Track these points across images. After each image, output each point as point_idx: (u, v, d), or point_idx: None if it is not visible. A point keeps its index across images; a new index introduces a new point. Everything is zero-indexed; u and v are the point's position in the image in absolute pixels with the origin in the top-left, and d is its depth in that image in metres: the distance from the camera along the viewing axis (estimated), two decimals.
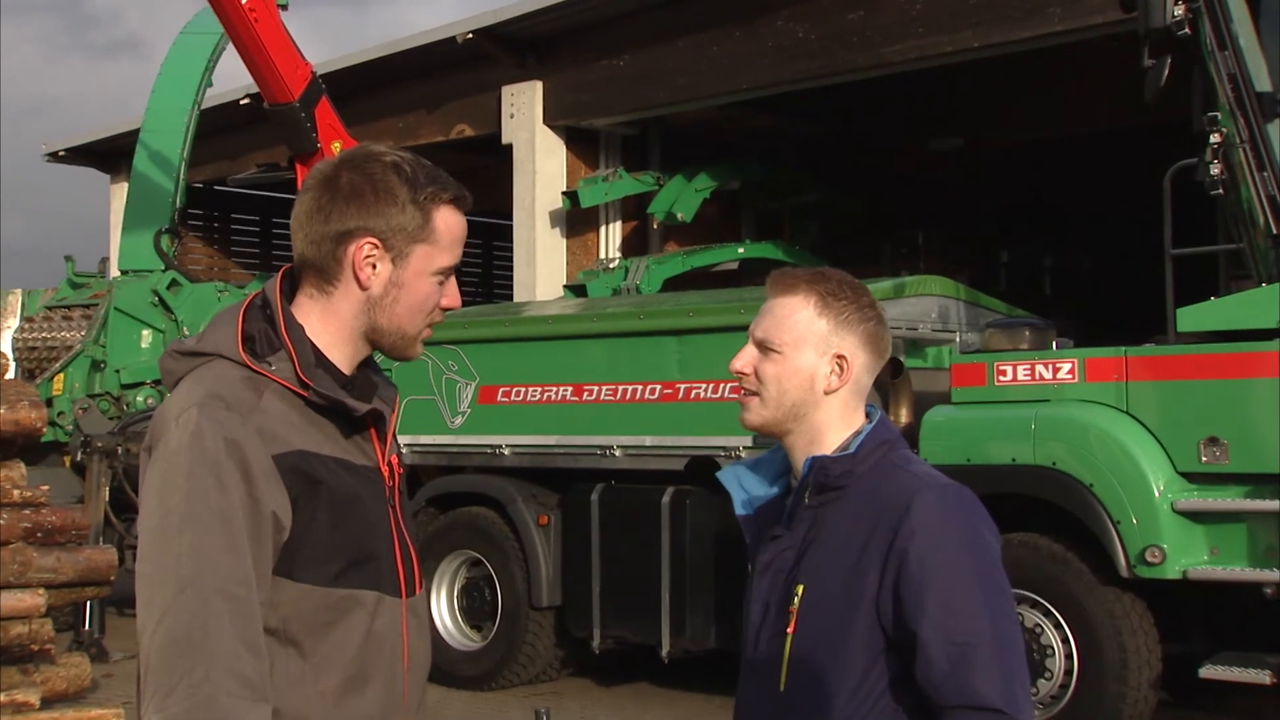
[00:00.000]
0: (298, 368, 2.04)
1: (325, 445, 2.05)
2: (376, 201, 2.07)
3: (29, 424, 4.88)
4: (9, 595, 4.53)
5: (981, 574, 2.16)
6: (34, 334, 12.71)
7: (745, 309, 7.66)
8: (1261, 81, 6.18)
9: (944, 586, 2.12)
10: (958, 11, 10.92)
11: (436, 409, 8.69)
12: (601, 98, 13.62)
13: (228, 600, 1.88)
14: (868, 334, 2.30)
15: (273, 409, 2.01)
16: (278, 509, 1.95)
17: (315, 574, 1.99)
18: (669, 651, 7.70)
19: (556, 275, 13.79)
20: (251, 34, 10.42)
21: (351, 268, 2.08)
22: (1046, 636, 6.42)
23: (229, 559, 1.89)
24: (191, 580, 1.87)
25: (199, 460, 1.92)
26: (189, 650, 1.84)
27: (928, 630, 2.10)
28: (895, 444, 2.31)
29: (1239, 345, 6.15)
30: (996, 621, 2.13)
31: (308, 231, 2.10)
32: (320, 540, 2.00)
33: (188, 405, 1.98)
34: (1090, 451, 6.34)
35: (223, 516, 1.90)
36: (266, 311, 2.10)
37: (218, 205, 18.69)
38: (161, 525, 1.92)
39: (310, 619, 1.99)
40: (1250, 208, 6.21)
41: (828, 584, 2.21)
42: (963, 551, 2.15)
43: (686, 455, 7.70)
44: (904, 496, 2.19)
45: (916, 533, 2.14)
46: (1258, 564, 5.96)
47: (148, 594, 1.91)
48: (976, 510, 2.23)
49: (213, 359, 2.05)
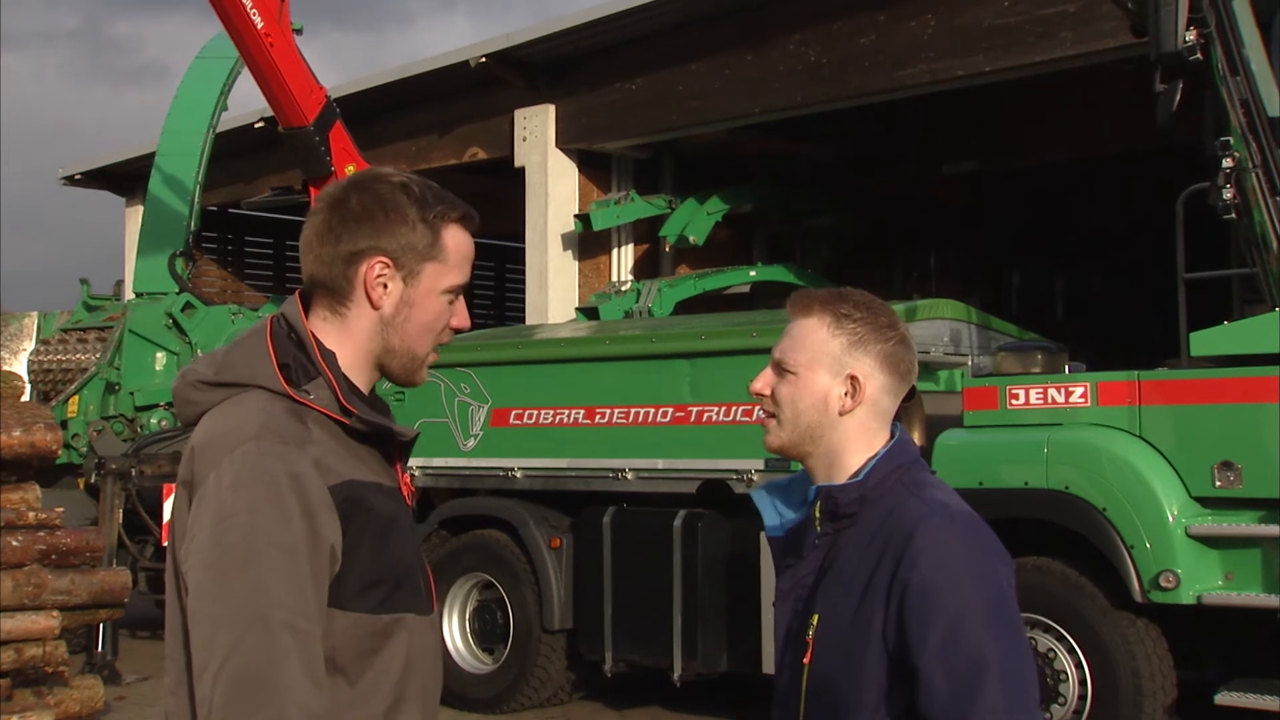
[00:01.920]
0: (340, 396, 2.03)
1: (366, 473, 2.05)
2: (387, 221, 2.07)
3: (44, 446, 4.90)
4: (23, 617, 4.53)
5: (987, 603, 2.10)
6: (49, 356, 12.79)
7: (757, 332, 7.69)
8: (1273, 106, 6.19)
9: (946, 616, 2.08)
10: (969, 36, 10.95)
11: (449, 431, 8.71)
12: (614, 121, 13.66)
13: (295, 635, 1.86)
14: (884, 354, 2.26)
15: (320, 440, 2.00)
16: (335, 541, 1.95)
17: (363, 602, 1.99)
18: (681, 675, 7.67)
19: (569, 298, 13.81)
20: (267, 58, 10.48)
21: (364, 288, 2.08)
22: (1060, 661, 6.40)
23: (295, 594, 1.88)
24: (259, 616, 1.85)
25: (261, 495, 1.90)
26: (260, 688, 1.82)
27: (929, 661, 2.06)
28: (911, 467, 2.28)
29: (1252, 370, 6.14)
30: (1002, 653, 2.07)
31: (318, 253, 2.10)
32: (366, 569, 1.99)
33: (242, 440, 1.95)
34: (1103, 475, 6.32)
35: (287, 551, 1.89)
36: (293, 337, 2.09)
37: (232, 228, 18.76)
38: (221, 561, 1.88)
39: (357, 646, 1.99)
40: (1263, 232, 6.21)
41: (841, 613, 2.18)
42: (967, 580, 2.11)
43: (698, 478, 7.71)
44: (909, 524, 2.15)
45: (919, 561, 2.11)
46: (1273, 589, 5.94)
47: (208, 633, 1.87)
48: (984, 538, 2.18)
49: (248, 389, 2.03)
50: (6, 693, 4.57)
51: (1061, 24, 10.30)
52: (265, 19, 10.29)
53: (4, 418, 4.83)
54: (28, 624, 4.56)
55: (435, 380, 8.70)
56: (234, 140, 15.28)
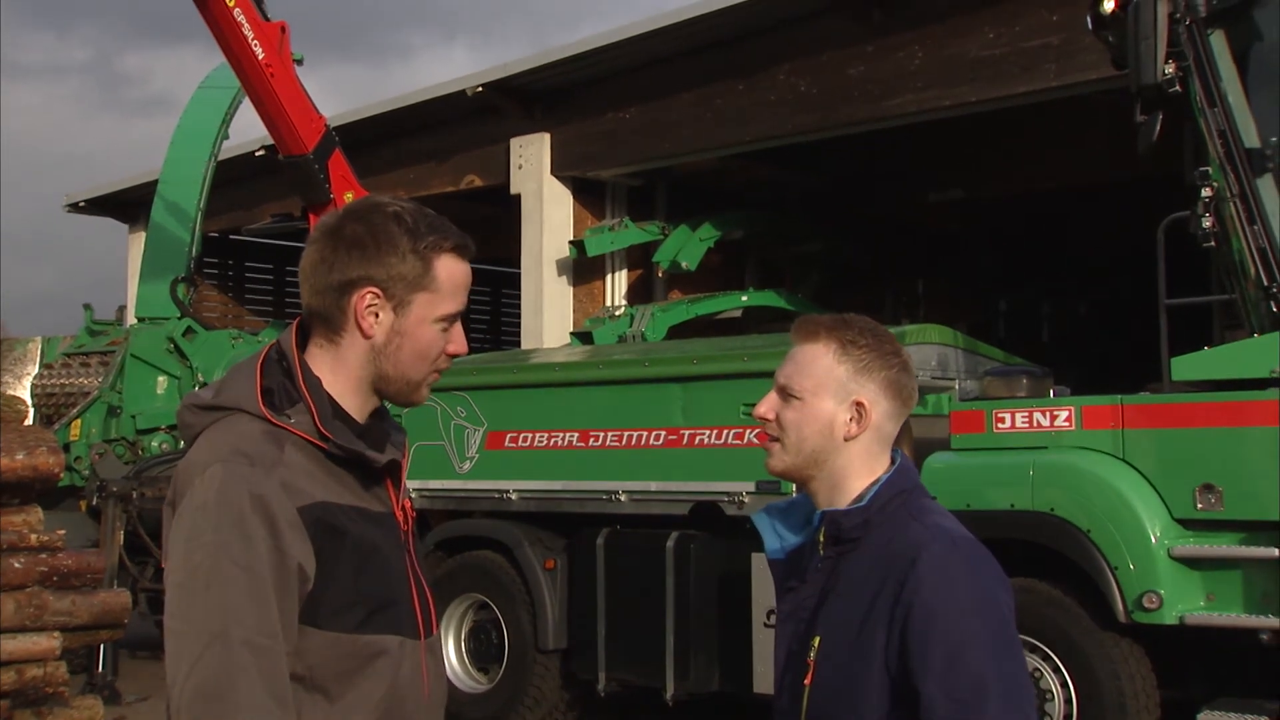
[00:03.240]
0: (316, 420, 2.05)
1: (345, 495, 2.06)
2: (378, 251, 2.07)
3: (47, 469, 4.91)
4: (25, 638, 4.53)
5: (988, 629, 2.10)
6: (53, 380, 12.80)
7: (749, 356, 7.71)
8: (1250, 138, 6.20)
9: (948, 641, 2.07)
10: (955, 67, 11.02)
11: (445, 454, 8.70)
12: (608, 149, 13.72)
13: (254, 652, 1.88)
14: (888, 381, 2.27)
15: (294, 462, 2.02)
16: (303, 560, 1.96)
17: (340, 622, 2.00)
18: (673, 694, 7.66)
19: (563, 322, 13.85)
20: (268, 88, 10.54)
21: (354, 317, 2.09)
22: (1045, 681, 6.36)
23: (255, 611, 1.90)
24: (219, 633, 1.88)
25: (224, 516, 1.93)
26: (217, 702, 1.85)
27: (931, 685, 2.06)
28: (913, 492, 2.27)
29: (1233, 394, 6.13)
30: (1002, 678, 2.07)
31: (313, 282, 2.11)
32: (344, 589, 2.01)
33: (211, 461, 1.98)
34: (1087, 498, 6.31)
35: (248, 570, 1.91)
36: (283, 364, 2.11)
37: (232, 254, 18.84)
38: (188, 580, 1.93)
39: (336, 666, 2.00)
40: (1241, 259, 6.22)
41: (842, 636, 2.18)
42: (969, 606, 2.11)
43: (691, 500, 7.69)
44: (912, 549, 2.15)
45: (922, 586, 2.10)
46: (1254, 610, 5.92)
47: (176, 647, 1.91)
48: (986, 564, 2.18)
49: (232, 413, 2.06)
50: (7, 713, 4.57)
51: (1045, 56, 10.37)
52: (266, 50, 10.36)
53: (7, 441, 4.84)
54: (29, 645, 4.56)
55: (432, 404, 8.71)
56: (235, 168, 15.32)
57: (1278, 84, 6.36)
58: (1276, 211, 6.12)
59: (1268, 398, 5.96)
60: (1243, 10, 6.28)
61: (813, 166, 14.11)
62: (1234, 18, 6.28)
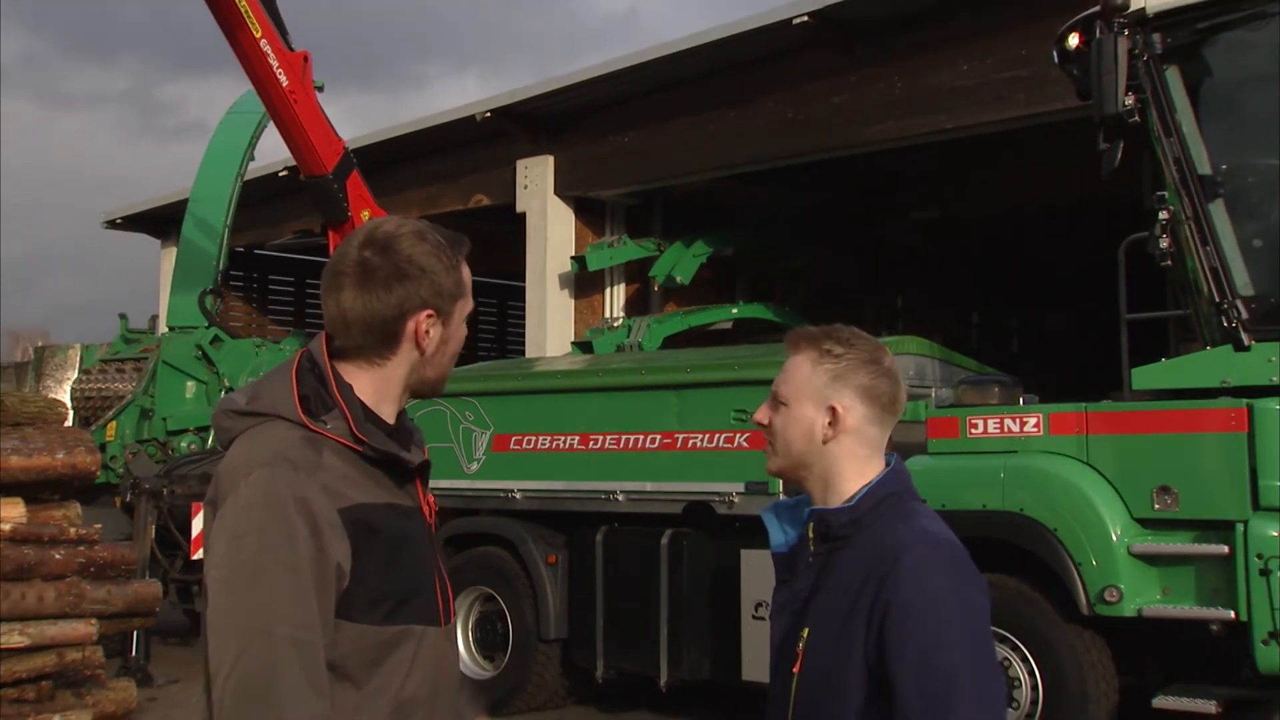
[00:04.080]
0: (352, 426, 2.03)
1: (379, 494, 2.05)
2: (423, 274, 2.07)
3: (84, 467, 4.92)
4: (65, 624, 4.55)
5: (961, 629, 2.08)
6: (90, 385, 12.81)
7: (739, 365, 7.70)
8: (1203, 165, 6.21)
9: (922, 638, 2.06)
10: (933, 96, 11.05)
11: (454, 456, 8.68)
12: (608, 171, 13.73)
13: (296, 646, 1.87)
14: (864, 388, 2.25)
15: (333, 466, 2.00)
16: (341, 560, 1.95)
17: (371, 615, 1.99)
18: (667, 681, 7.66)
19: (565, 333, 13.85)
20: (291, 113, 10.55)
21: (413, 338, 2.09)
22: (1014, 669, 6.38)
23: (297, 608, 1.89)
24: (264, 629, 1.87)
25: (270, 517, 1.91)
26: (262, 694, 1.85)
27: (905, 679, 2.05)
28: (903, 495, 2.25)
29: (1188, 402, 6.14)
30: (973, 675, 2.06)
31: (362, 316, 2.06)
32: (375, 584, 2.00)
33: (256, 465, 1.96)
34: (1054, 499, 6.30)
35: (291, 569, 1.90)
36: (316, 372, 2.08)
37: (257, 268, 18.81)
38: (233, 577, 1.91)
39: (364, 655, 1.99)
40: (1195, 278, 6.23)
41: (828, 628, 2.18)
42: (944, 605, 2.09)
43: (684, 500, 7.68)
44: (896, 549, 2.14)
45: (901, 585, 2.09)
46: (1206, 603, 5.93)
47: (220, 641, 1.89)
48: (963, 567, 2.16)
49: (270, 419, 2.04)
50: (49, 693, 4.58)
51: (1015, 87, 10.40)
52: (290, 77, 10.38)
53: (48, 441, 4.87)
54: (69, 630, 4.58)
55: (441, 408, 8.72)
56: (260, 187, 15.31)
57: (1227, 115, 6.42)
58: (1227, 233, 6.14)
59: (1219, 406, 5.98)
60: (1195, 48, 6.29)
61: (799, 188, 14.07)
62: (1187, 55, 6.29)
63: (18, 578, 4.56)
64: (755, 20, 11.82)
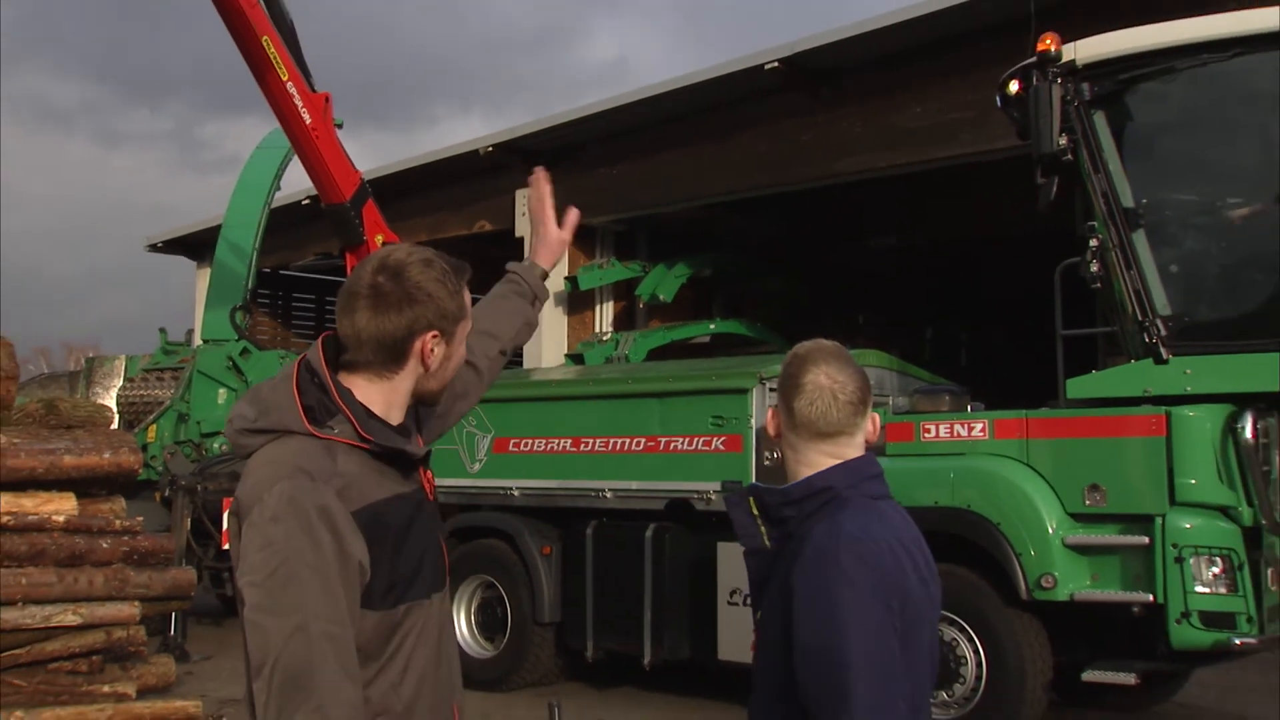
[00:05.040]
0: (357, 427, 2.02)
1: (388, 486, 2.05)
2: (430, 299, 2.07)
3: (128, 466, 4.92)
4: (111, 606, 4.57)
5: (849, 615, 2.02)
6: (133, 392, 12.81)
7: (715, 376, 7.69)
8: (1127, 198, 6.27)
9: (814, 622, 2.03)
10: (890, 135, 11.14)
11: (458, 457, 8.63)
12: (598, 200, 13.73)
13: (329, 640, 1.88)
14: (784, 402, 2.23)
15: (346, 470, 2.00)
16: (362, 558, 1.96)
17: (384, 601, 2.00)
18: (650, 661, 7.65)
19: (559, 346, 13.85)
20: (313, 148, 10.56)
21: (419, 356, 2.09)
22: (961, 649, 6.41)
23: (327, 606, 1.90)
24: (300, 626, 1.87)
25: (296, 526, 1.91)
26: (303, 684, 1.85)
27: (800, 661, 2.04)
28: (845, 491, 2.16)
29: (1115, 410, 6.19)
30: (864, 658, 2.00)
31: (374, 336, 2.06)
32: (386, 574, 2.01)
33: (277, 479, 1.95)
34: (998, 496, 6.33)
35: (319, 571, 1.90)
36: (316, 381, 2.06)
37: (281, 286, 18.77)
38: (267, 581, 1.90)
39: (382, 634, 2.02)
40: (1121, 299, 6.30)
41: (770, 612, 2.18)
42: (834, 593, 2.03)
43: (666, 497, 7.66)
44: (810, 541, 2.11)
45: (803, 573, 2.07)
46: (1128, 588, 5.99)
47: (261, 640, 1.89)
48: (863, 560, 2.06)
49: (282, 434, 2.02)
50: (99, 666, 4.61)
51: (962, 127, 10.48)
52: (312, 116, 10.41)
53: (96, 442, 4.90)
54: (115, 611, 4.59)
55: None
56: (285, 214, 15.27)
57: (1147, 155, 6.48)
58: (1148, 260, 6.21)
59: (1142, 413, 6.05)
60: (1119, 96, 6.35)
61: (771, 216, 14.08)
62: (1112, 102, 6.35)
63: (70, 564, 4.59)
64: (731, 65, 11.90)
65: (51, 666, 4.47)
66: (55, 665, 4.48)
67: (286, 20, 10.14)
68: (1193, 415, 5.94)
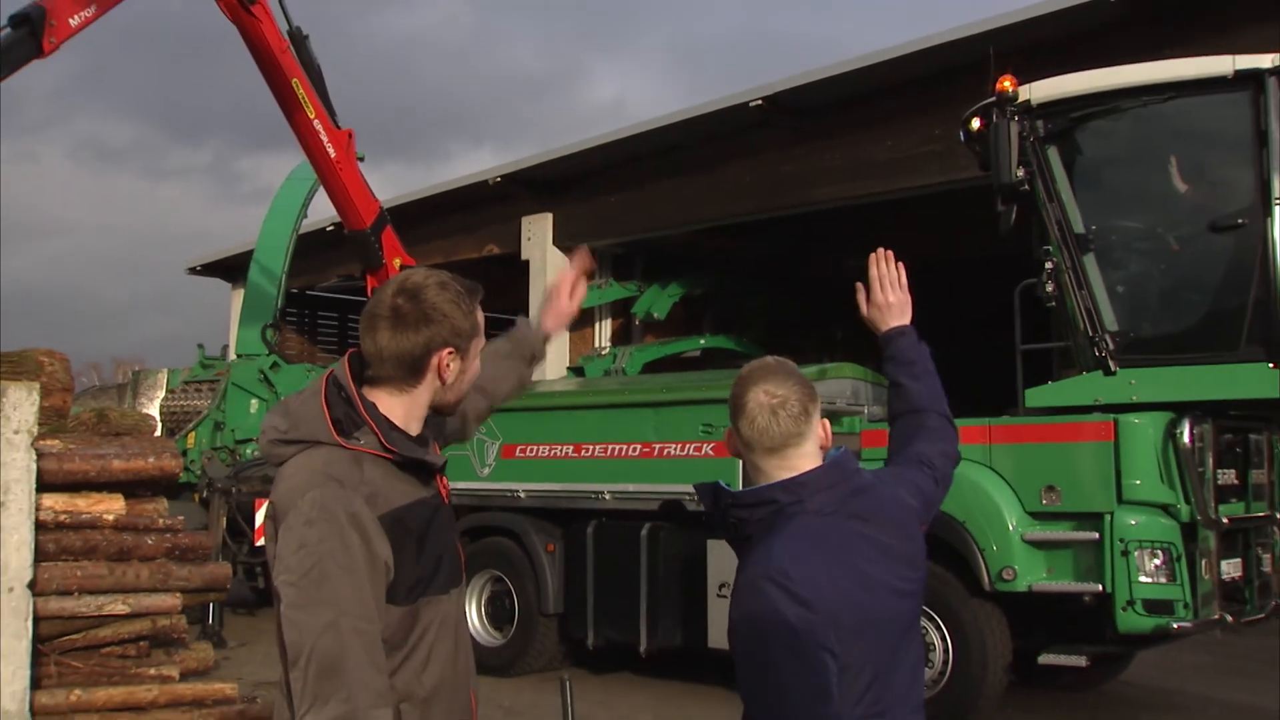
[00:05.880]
0: (381, 438, 2.03)
1: (409, 493, 2.05)
2: (446, 318, 2.08)
3: (170, 470, 4.91)
4: (156, 596, 4.60)
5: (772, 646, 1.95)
6: (175, 402, 12.85)
7: (705, 387, 7.68)
8: (1078, 225, 6.34)
9: (742, 646, 2.00)
10: (865, 167, 11.24)
11: (469, 462, 8.58)
12: (598, 225, 13.82)
13: (359, 634, 1.90)
14: (731, 419, 2.17)
15: (372, 477, 2.00)
16: (387, 559, 1.97)
17: (408, 597, 2.02)
18: (646, 648, 7.65)
19: (561, 360, 13.85)
20: (337, 179, 10.58)
21: (437, 371, 2.09)
22: (930, 636, 6.43)
23: (357, 603, 1.91)
24: (332, 622, 1.89)
25: (328, 530, 1.92)
26: (335, 674, 1.88)
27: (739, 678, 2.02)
28: (784, 505, 2.07)
29: (1068, 417, 6.23)
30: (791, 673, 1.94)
31: (394, 353, 2.06)
32: (409, 572, 2.02)
33: (310, 486, 1.96)
34: (963, 496, 6.31)
35: (349, 570, 1.92)
36: (343, 395, 2.06)
37: (308, 306, 18.78)
38: (302, 580, 1.92)
39: (405, 626, 2.03)
40: (1074, 316, 6.35)
41: None
42: (757, 621, 1.98)
43: (660, 498, 7.65)
44: (752, 549, 2.06)
45: (737, 597, 2.03)
46: (1080, 579, 6.03)
47: (297, 634, 1.91)
48: (774, 587, 1.97)
49: (312, 445, 2.02)
50: (146, 651, 4.64)
51: (931, 159, 10.58)
52: (337, 150, 10.45)
53: (142, 448, 4.92)
54: (159, 601, 4.61)
55: None
56: (311, 240, 15.27)
57: (1096, 186, 6.53)
58: (1098, 280, 6.28)
59: (1092, 420, 6.11)
60: (1070, 132, 6.43)
61: (756, 240, 14.17)
62: (1064, 138, 6.42)
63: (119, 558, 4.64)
64: (719, 103, 12.01)
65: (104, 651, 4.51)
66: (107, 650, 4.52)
67: (314, 64, 10.21)
68: (1137, 422, 5.99)
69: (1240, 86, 6.01)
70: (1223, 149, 6.28)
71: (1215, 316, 6.16)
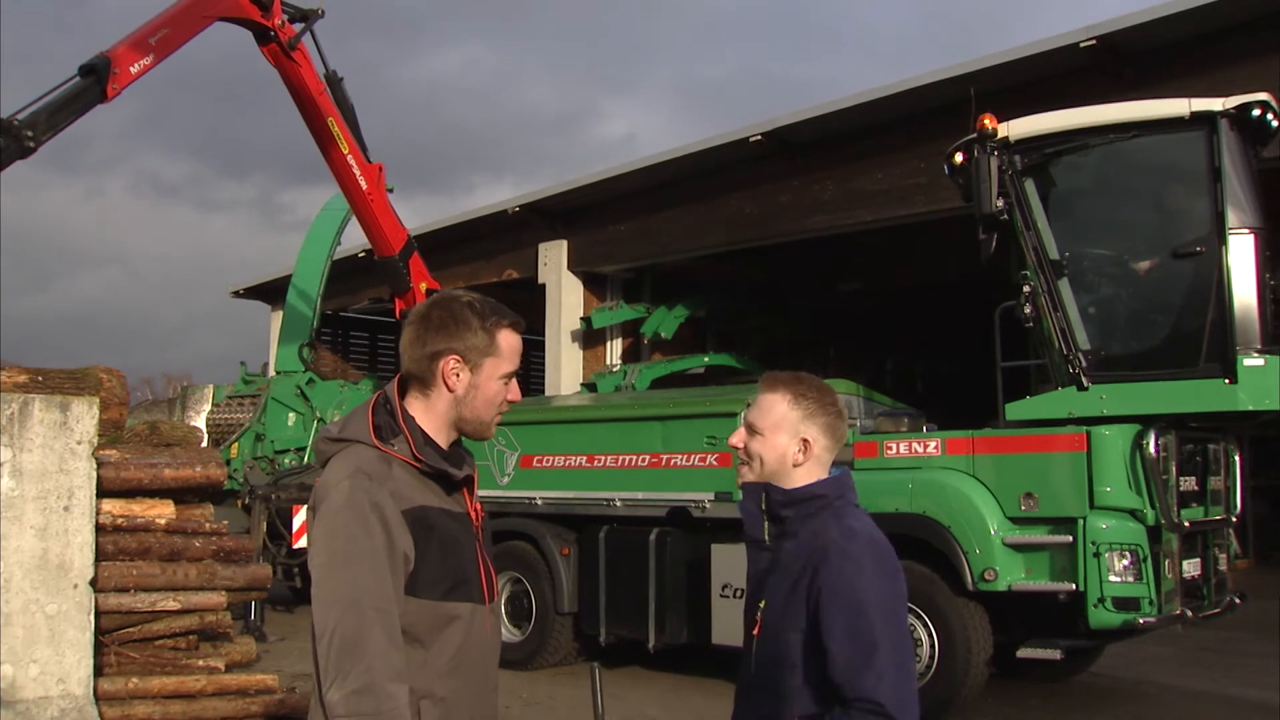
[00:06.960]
0: (413, 448, 2.05)
1: (435, 501, 2.06)
2: (457, 329, 2.07)
3: (216, 478, 4.94)
4: (203, 595, 4.63)
5: (877, 605, 2.03)
6: (219, 416, 12.89)
7: (709, 401, 7.66)
8: (1053, 252, 6.35)
9: (847, 614, 2.03)
10: (856, 196, 11.28)
11: (489, 471, 8.56)
12: (609, 251, 13.88)
13: (378, 614, 1.91)
14: (827, 425, 2.20)
15: (399, 478, 2.02)
16: (406, 549, 1.97)
17: (430, 592, 2.01)
18: (654, 645, 7.61)
19: (575, 376, 13.93)
20: (368, 210, 10.69)
21: (442, 377, 2.08)
22: (918, 632, 6.42)
23: (377, 585, 1.92)
24: (354, 601, 1.91)
25: (354, 517, 1.94)
26: (356, 649, 1.89)
27: (834, 645, 2.02)
28: (837, 500, 2.15)
29: (1045, 429, 6.23)
30: (890, 639, 2.01)
31: (411, 354, 2.09)
32: (433, 568, 2.01)
33: (342, 478, 1.98)
34: (948, 503, 6.34)
35: (371, 555, 1.93)
36: (388, 407, 2.10)
37: (341, 326, 18.86)
38: (329, 563, 1.95)
39: (427, 623, 2.01)
40: (1049, 335, 6.36)
41: (777, 602, 2.15)
42: (864, 588, 2.04)
43: (667, 505, 7.62)
44: (827, 543, 2.09)
45: (831, 573, 2.06)
46: (1055, 579, 6.03)
47: (323, 611, 1.93)
48: (882, 557, 2.09)
49: (354, 444, 2.06)
50: (194, 645, 4.68)
51: (917, 190, 10.62)
52: (368, 183, 10.56)
53: (190, 459, 4.96)
54: (206, 599, 4.65)
55: None
56: (344, 265, 15.34)
57: (1069, 215, 6.54)
58: (1071, 303, 6.29)
59: (1066, 432, 6.11)
60: (1045, 166, 6.45)
61: (756, 265, 14.18)
62: (1040, 171, 6.45)
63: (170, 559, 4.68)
64: (721, 138, 12.08)
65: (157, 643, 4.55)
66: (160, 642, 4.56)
67: (348, 104, 10.33)
68: (1108, 434, 6.00)
69: (1196, 126, 6.07)
70: (1182, 182, 6.30)
71: (1177, 336, 6.18)
